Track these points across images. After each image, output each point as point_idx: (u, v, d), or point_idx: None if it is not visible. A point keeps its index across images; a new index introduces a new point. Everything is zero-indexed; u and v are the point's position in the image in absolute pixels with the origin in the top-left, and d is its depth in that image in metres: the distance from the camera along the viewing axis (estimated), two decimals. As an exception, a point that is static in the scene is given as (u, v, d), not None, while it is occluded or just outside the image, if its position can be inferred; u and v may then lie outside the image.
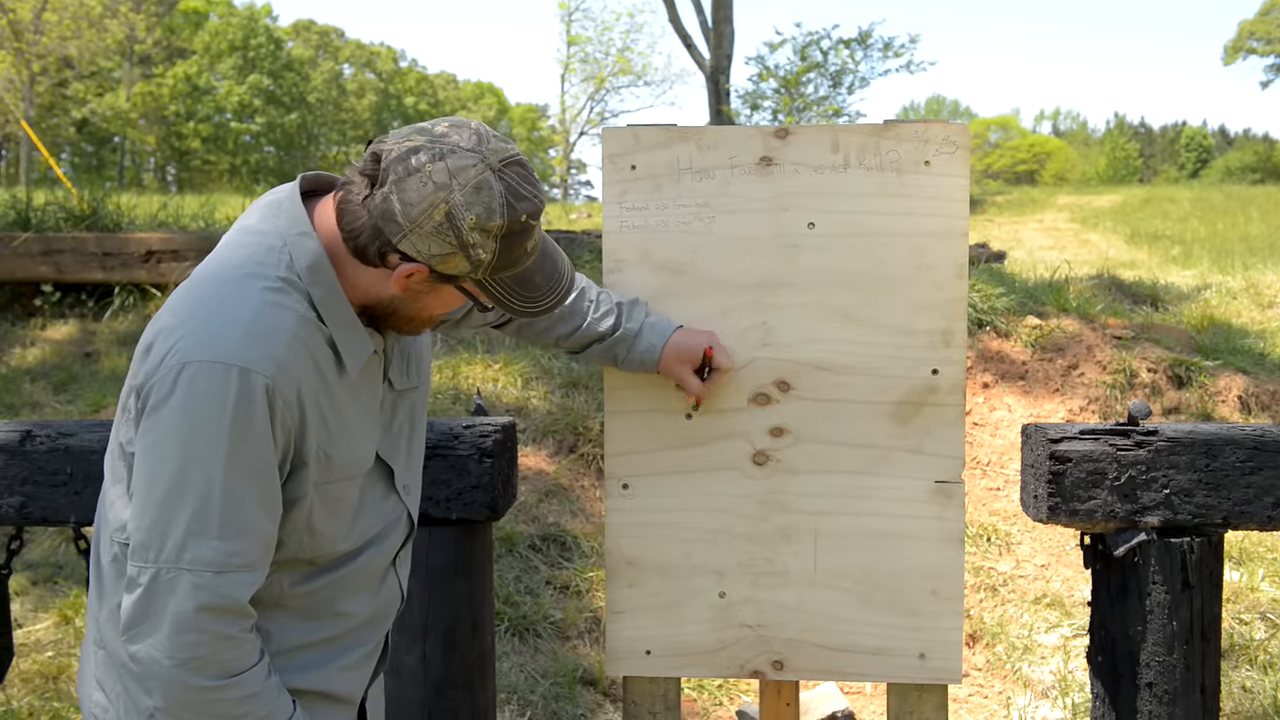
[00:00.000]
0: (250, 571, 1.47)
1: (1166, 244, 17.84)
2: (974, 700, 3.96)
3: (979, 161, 66.44)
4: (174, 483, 1.43)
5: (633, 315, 1.99)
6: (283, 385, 1.46)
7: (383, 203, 1.47)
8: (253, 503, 1.46)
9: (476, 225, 1.46)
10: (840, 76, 25.58)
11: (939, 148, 2.00)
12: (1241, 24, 56.21)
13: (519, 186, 1.49)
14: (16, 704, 3.57)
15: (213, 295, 1.50)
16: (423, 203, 1.45)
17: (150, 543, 1.44)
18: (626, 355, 1.99)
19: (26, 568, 4.44)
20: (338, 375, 1.57)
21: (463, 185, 1.45)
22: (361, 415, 1.63)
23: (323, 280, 1.54)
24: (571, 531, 4.75)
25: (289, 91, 55.28)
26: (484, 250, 1.48)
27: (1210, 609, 2.04)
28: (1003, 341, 6.10)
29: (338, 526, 1.62)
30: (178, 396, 1.43)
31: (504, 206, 1.47)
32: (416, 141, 1.47)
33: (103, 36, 38.45)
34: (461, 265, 1.49)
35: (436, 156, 1.46)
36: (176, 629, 1.43)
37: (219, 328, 1.45)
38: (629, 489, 2.09)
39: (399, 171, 1.46)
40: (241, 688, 1.48)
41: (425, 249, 1.47)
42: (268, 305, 1.48)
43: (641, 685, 2.15)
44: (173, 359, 1.44)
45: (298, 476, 1.54)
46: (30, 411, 6.04)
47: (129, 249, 7.25)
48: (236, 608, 1.46)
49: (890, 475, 2.04)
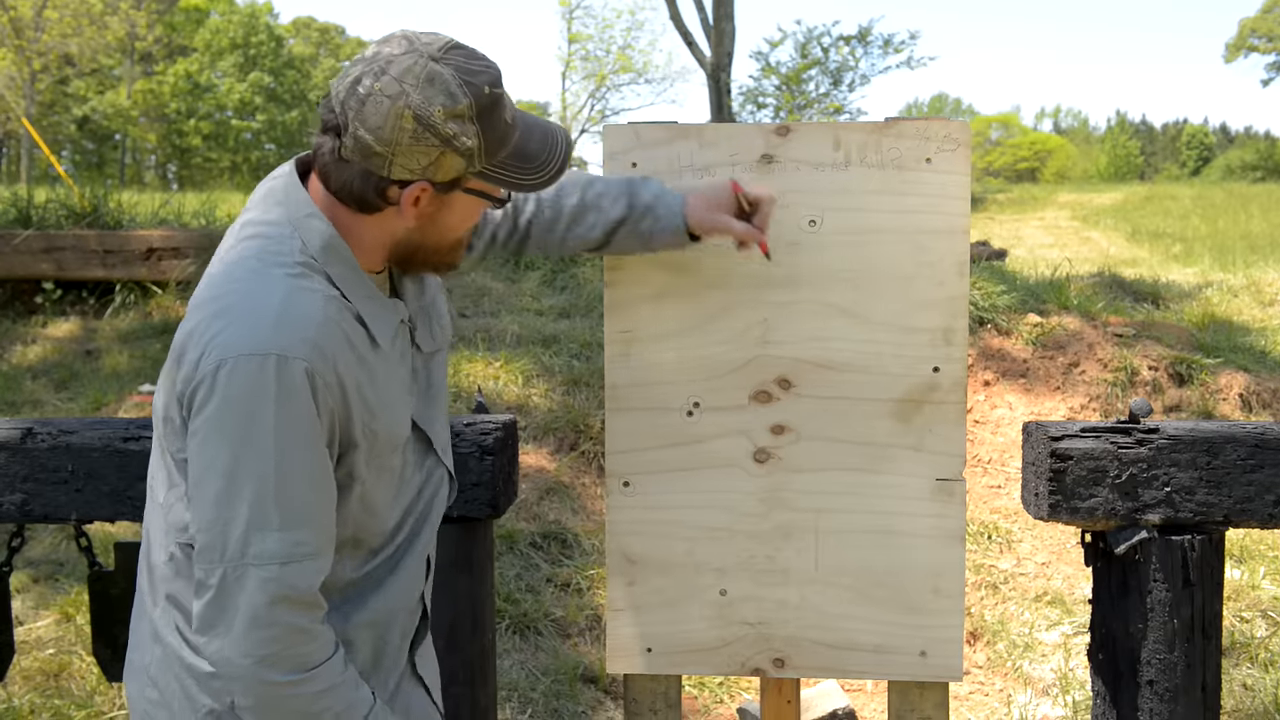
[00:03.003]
0: (316, 559, 1.46)
1: (1168, 242, 17.83)
2: (975, 698, 3.97)
3: (980, 159, 66.38)
4: (228, 480, 1.42)
5: (645, 187, 1.92)
6: (321, 367, 1.45)
7: (355, 143, 1.45)
8: (309, 489, 1.45)
9: (448, 115, 1.44)
10: (841, 74, 25.59)
11: (940, 145, 2.00)
12: (1243, 22, 56.17)
13: (468, 64, 1.47)
14: (18, 701, 3.57)
15: (236, 290, 1.48)
16: (388, 121, 1.43)
17: (214, 543, 1.43)
18: (654, 227, 1.91)
19: (27, 565, 4.44)
20: (371, 349, 1.56)
21: (415, 84, 1.43)
22: (397, 386, 1.62)
23: (338, 258, 1.53)
24: (572, 529, 4.75)
25: (290, 89, 55.27)
26: (467, 137, 1.46)
27: (1211, 607, 2.03)
28: (1004, 339, 6.10)
29: (387, 499, 1.63)
30: (219, 395, 1.42)
31: (462, 86, 1.45)
32: (356, 72, 1.46)
33: (104, 34, 38.41)
34: (456, 162, 1.48)
35: (378, 73, 1.44)
36: (249, 626, 1.42)
37: (249, 320, 1.44)
38: (630, 486, 2.09)
39: (354, 106, 1.45)
40: (318, 681, 1.47)
41: (415, 163, 1.46)
42: (293, 290, 1.47)
43: (642, 683, 2.15)
44: (208, 360, 1.43)
45: (350, 457, 1.53)
46: (31, 409, 6.04)
47: (130, 246, 7.25)
48: (307, 598, 1.45)
49: (891, 473, 2.04)
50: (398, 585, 1.67)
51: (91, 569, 2.29)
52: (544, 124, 1.60)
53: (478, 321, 6.59)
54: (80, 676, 3.73)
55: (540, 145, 1.57)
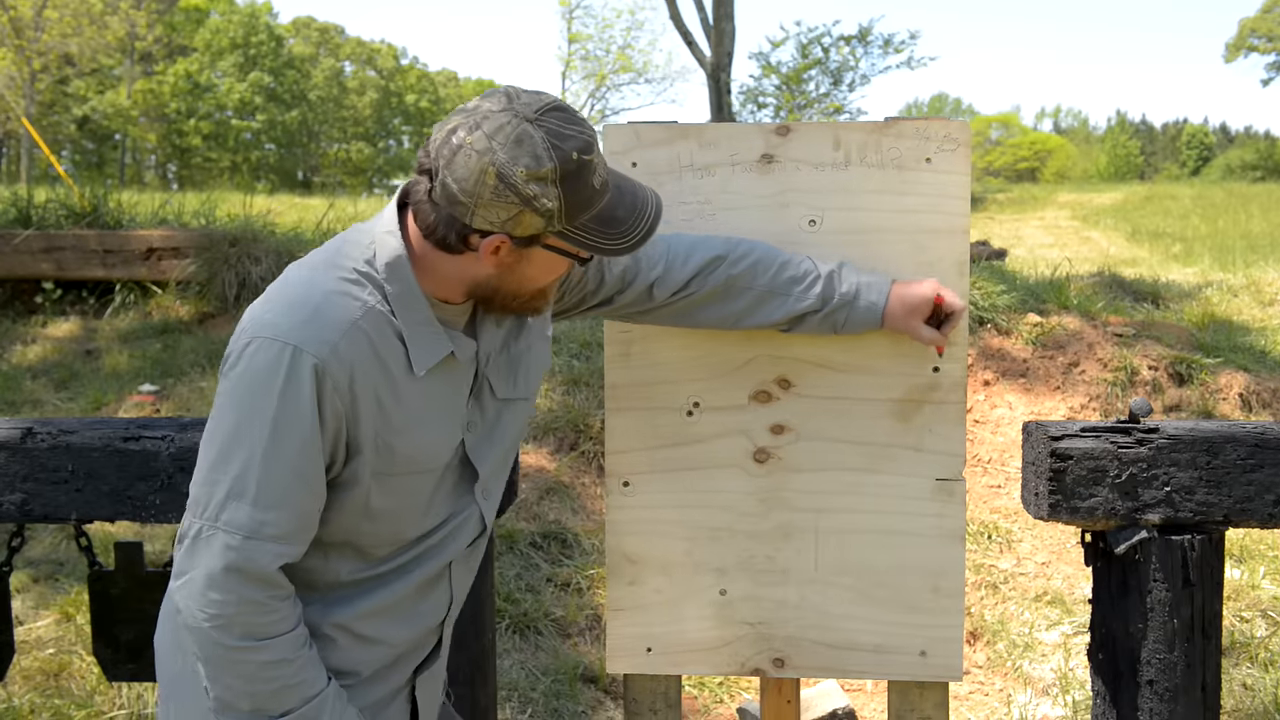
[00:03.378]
0: (281, 543, 1.53)
1: (1167, 241, 17.83)
2: (974, 698, 3.97)
3: (980, 159, 66.39)
4: (225, 446, 1.52)
5: (844, 279, 1.93)
6: (333, 368, 1.52)
7: (442, 189, 1.51)
8: (291, 478, 1.52)
9: (530, 176, 1.48)
10: (841, 73, 25.58)
11: (940, 145, 2.00)
12: (1243, 21, 56.15)
13: (561, 128, 1.51)
14: (18, 701, 3.57)
15: (294, 279, 1.58)
16: (473, 174, 1.48)
17: (200, 498, 1.54)
18: (846, 320, 1.94)
19: (27, 565, 4.44)
20: (405, 370, 1.60)
21: (503, 143, 1.48)
22: (435, 413, 1.65)
23: (399, 277, 1.58)
24: (572, 529, 4.75)
25: (290, 89, 55.28)
26: (548, 199, 1.49)
27: (1211, 606, 2.03)
28: (1004, 339, 6.10)
29: (402, 517, 1.67)
30: (240, 367, 1.53)
31: (549, 150, 1.48)
32: (453, 122, 1.52)
33: (104, 34, 38.41)
34: (534, 222, 1.51)
35: (473, 127, 1.49)
36: (207, 584, 1.51)
37: (287, 309, 1.54)
38: (630, 486, 2.09)
39: (445, 154, 1.50)
40: (269, 652, 1.53)
41: (495, 217, 1.50)
42: (335, 293, 1.55)
43: (642, 682, 2.15)
44: (245, 334, 1.54)
45: (354, 462, 1.59)
46: (31, 409, 6.04)
47: (130, 246, 7.25)
48: (262, 575, 1.51)
49: (891, 473, 2.04)
50: (392, 603, 1.70)
51: (91, 569, 2.29)
52: (636, 190, 1.63)
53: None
54: (80, 676, 3.73)
55: (628, 211, 1.59)
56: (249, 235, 7.36)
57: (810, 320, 1.94)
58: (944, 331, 1.94)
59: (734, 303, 1.93)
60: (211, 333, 6.89)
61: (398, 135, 62.37)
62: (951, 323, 1.95)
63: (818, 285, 1.92)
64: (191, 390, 6.08)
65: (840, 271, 1.94)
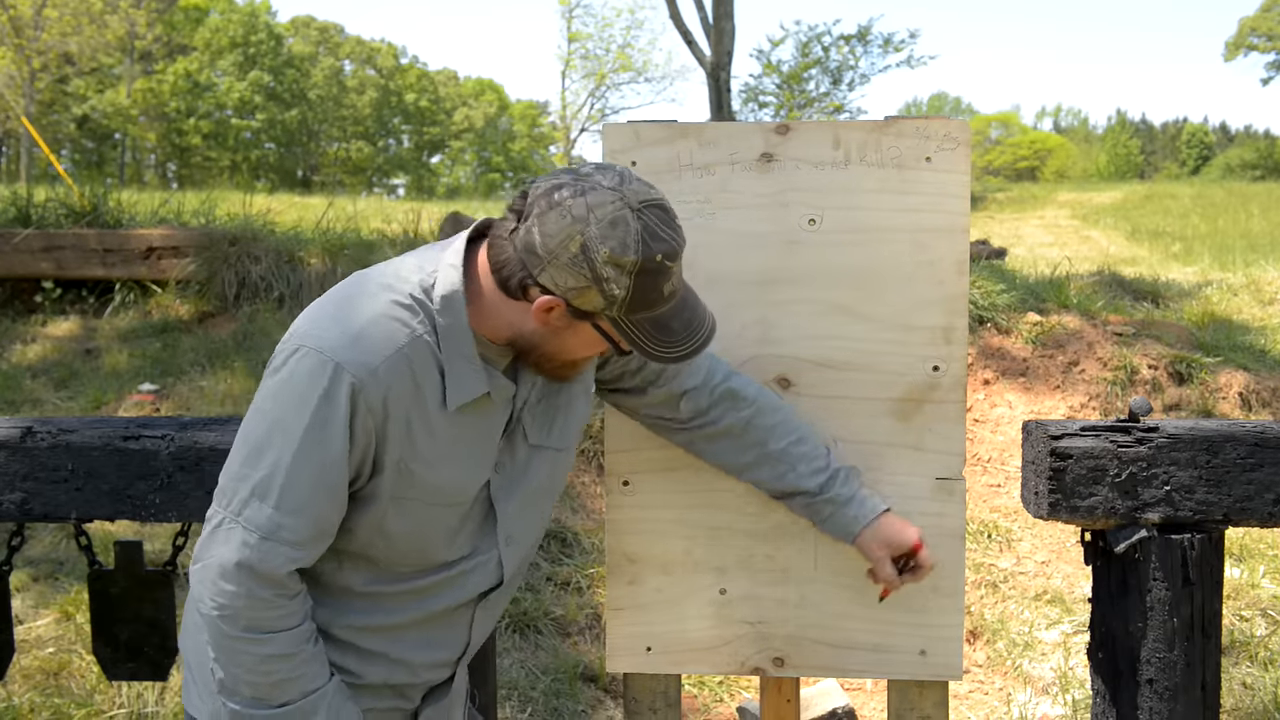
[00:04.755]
0: (296, 549, 1.57)
1: (1167, 240, 17.84)
2: (974, 697, 3.97)
3: (980, 158, 66.39)
4: (257, 446, 1.57)
5: (847, 482, 1.93)
6: (370, 390, 1.55)
7: (525, 235, 1.53)
8: (314, 488, 1.56)
9: (610, 259, 1.49)
10: (841, 73, 25.58)
11: (940, 144, 2.00)
12: (1242, 20, 56.16)
13: (657, 228, 1.52)
14: (18, 700, 3.57)
15: (348, 294, 1.62)
16: (560, 234, 1.50)
17: (226, 490, 1.58)
18: (828, 517, 1.94)
19: (27, 564, 4.44)
20: (441, 403, 1.62)
21: (599, 219, 1.49)
22: (464, 449, 1.67)
23: (452, 310, 1.60)
24: (572, 528, 4.75)
25: (289, 88, 55.27)
26: (618, 286, 1.51)
27: (1211, 605, 2.03)
28: (1004, 338, 6.10)
29: (419, 542, 1.68)
30: (284, 372, 1.57)
31: (639, 244, 1.50)
32: (561, 180, 1.53)
33: (103, 33, 38.42)
34: (596, 300, 1.53)
35: (578, 193, 1.51)
36: (218, 574, 1.55)
37: (336, 325, 1.58)
38: (629, 486, 2.09)
39: (542, 206, 1.52)
40: (270, 645, 1.57)
41: (562, 281, 1.52)
42: (385, 317, 1.58)
43: (642, 682, 2.15)
44: (293, 340, 1.59)
45: (377, 480, 1.62)
46: (31, 408, 6.04)
47: (130, 245, 7.25)
48: (271, 575, 1.55)
49: (891, 472, 2.04)
50: (403, 625, 1.72)
51: (91, 568, 2.29)
52: (698, 308, 1.64)
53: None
54: (80, 675, 3.73)
55: (683, 325, 1.61)
56: (249, 234, 7.36)
57: (798, 500, 1.94)
58: (903, 578, 1.93)
59: (744, 453, 1.93)
60: (211, 332, 6.89)
61: (397, 134, 62.34)
62: (915, 575, 1.93)
63: (823, 475, 1.92)
64: (191, 389, 6.08)
65: (847, 473, 1.94)
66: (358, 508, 1.64)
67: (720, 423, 1.91)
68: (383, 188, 59.99)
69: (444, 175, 63.32)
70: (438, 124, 61.97)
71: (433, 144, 63.05)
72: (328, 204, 11.55)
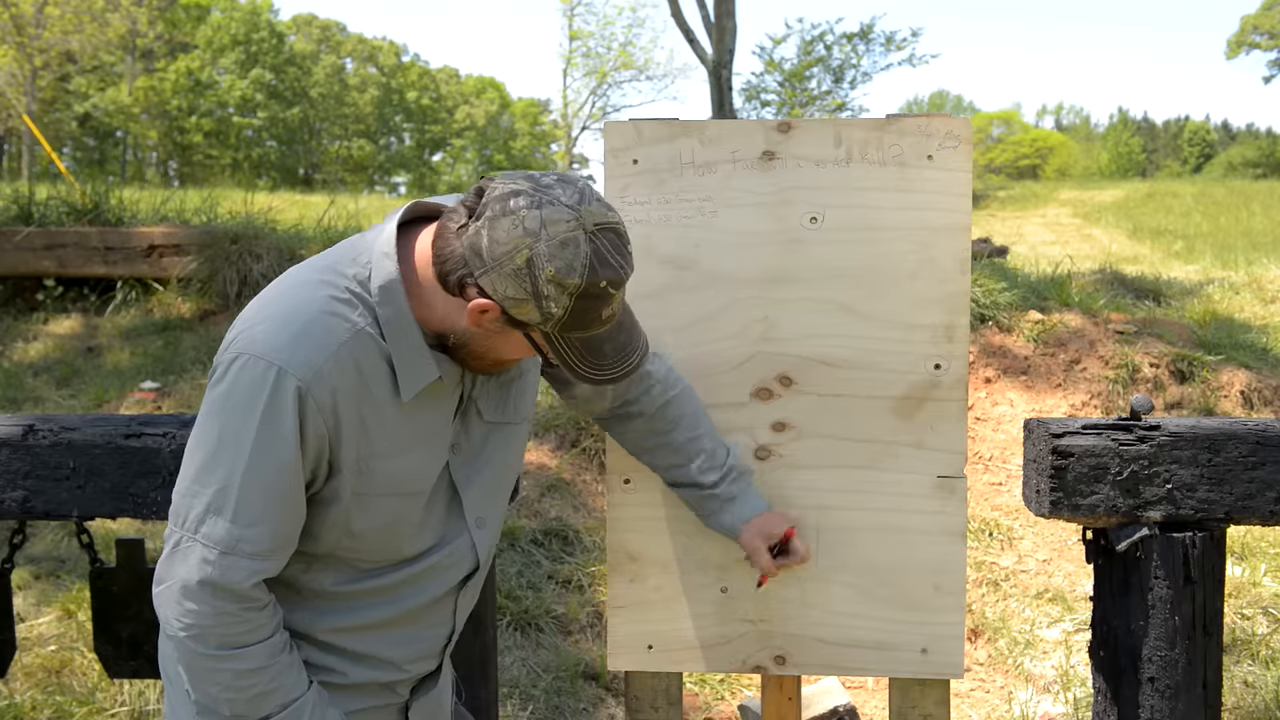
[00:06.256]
0: (258, 560, 1.53)
1: (1169, 239, 17.82)
2: (976, 695, 3.97)
3: (981, 156, 66.35)
4: (206, 460, 1.53)
5: (736, 481, 1.98)
6: (317, 391, 1.52)
7: (474, 236, 1.51)
8: (269, 497, 1.53)
9: (554, 279, 1.48)
10: (843, 71, 25.57)
11: (942, 142, 2.00)
12: (1244, 18, 56.10)
13: (607, 254, 1.51)
14: (19, 698, 3.57)
15: (283, 294, 1.58)
16: (509, 244, 1.48)
17: (180, 509, 1.55)
18: (714, 513, 1.99)
19: (29, 562, 4.44)
20: (391, 393, 1.60)
21: (550, 237, 1.47)
22: (419, 436, 1.65)
23: (391, 301, 1.57)
24: (574, 526, 4.75)
25: (291, 86, 55.24)
26: (556, 305, 1.50)
27: (1212, 604, 2.03)
28: (1005, 336, 6.10)
29: (385, 537, 1.66)
30: (225, 383, 1.53)
31: (585, 268, 1.49)
32: (520, 186, 1.51)
33: (105, 31, 38.39)
34: (532, 314, 1.51)
35: (534, 204, 1.48)
36: (181, 595, 1.53)
37: (275, 327, 1.53)
38: (631, 484, 2.09)
39: (495, 210, 1.50)
40: (244, 660, 1.54)
41: (501, 289, 1.50)
42: (325, 314, 1.54)
43: (643, 680, 2.15)
44: (232, 350, 1.54)
45: (334, 481, 1.59)
46: (33, 406, 6.04)
47: (131, 243, 7.25)
48: (236, 590, 1.52)
49: (892, 470, 2.04)
50: (384, 622, 1.71)
51: (93, 566, 2.29)
52: (633, 334, 1.64)
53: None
54: (82, 673, 3.73)
55: (615, 350, 1.60)
56: (250, 232, 7.36)
57: (688, 491, 1.99)
58: (777, 565, 1.98)
59: (650, 438, 1.98)
60: (213, 330, 6.90)
61: (399, 132, 62.31)
62: (788, 558, 1.99)
63: (717, 474, 1.97)
64: (193, 387, 6.08)
65: (739, 473, 1.99)
66: (320, 511, 1.61)
67: (637, 404, 1.94)
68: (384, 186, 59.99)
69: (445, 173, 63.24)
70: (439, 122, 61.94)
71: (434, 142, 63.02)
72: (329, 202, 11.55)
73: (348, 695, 1.70)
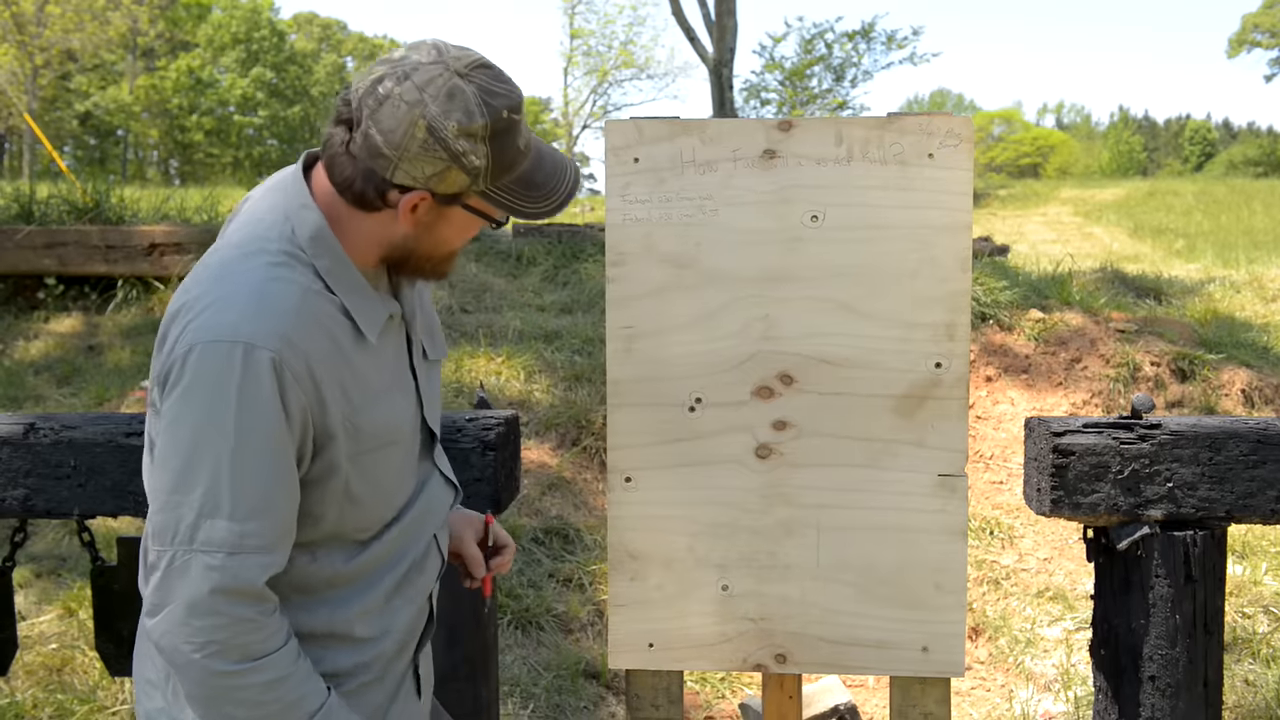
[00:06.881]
0: (264, 554, 1.44)
1: (1170, 237, 17.81)
2: (976, 693, 3.97)
3: (982, 155, 66.34)
4: (185, 464, 1.41)
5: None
6: (290, 359, 1.43)
7: (364, 141, 1.46)
8: (266, 482, 1.43)
9: (461, 131, 1.44)
10: (844, 69, 25.59)
11: (942, 141, 2.00)
12: (1245, 17, 56.09)
13: (491, 85, 1.48)
14: (21, 696, 3.58)
15: (217, 275, 1.48)
16: (401, 126, 1.44)
17: (167, 525, 1.42)
18: None
19: (30, 560, 4.45)
20: (356, 344, 1.54)
21: (435, 96, 1.44)
22: (390, 381, 1.61)
23: (326, 250, 1.52)
24: (574, 524, 4.75)
25: (292, 84, 55.27)
26: (476, 156, 1.47)
27: (1213, 602, 2.03)
28: (1006, 335, 6.10)
29: (381, 493, 1.60)
30: (186, 378, 1.42)
31: (481, 106, 1.45)
32: (379, 72, 1.47)
33: (105, 29, 38.40)
34: (460, 179, 1.48)
35: (402, 78, 1.45)
36: (191, 613, 1.40)
37: (222, 307, 1.43)
38: (632, 482, 2.09)
39: (370, 105, 1.45)
40: (266, 672, 1.44)
41: (420, 173, 1.46)
42: (269, 280, 1.46)
43: (644, 678, 2.15)
44: (182, 344, 1.43)
45: (328, 450, 1.51)
46: (34, 404, 6.04)
47: (132, 242, 7.25)
48: (251, 590, 1.43)
49: (893, 469, 2.03)
50: (396, 578, 1.65)
51: (94, 564, 2.29)
52: (556, 156, 1.60)
53: (480, 317, 6.59)
54: (83, 671, 3.73)
55: (547, 176, 1.57)
56: (251, 231, 7.34)
57: None
58: (493, 564, 1.88)
59: None
60: (214, 328, 6.89)
61: (400, 131, 62.24)
62: (500, 558, 1.89)
63: None
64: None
65: None
66: (320, 488, 1.52)
67: None
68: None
69: (446, 172, 63.04)
70: (440, 121, 61.91)
71: (435, 140, 62.96)
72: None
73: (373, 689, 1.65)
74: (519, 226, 8.23)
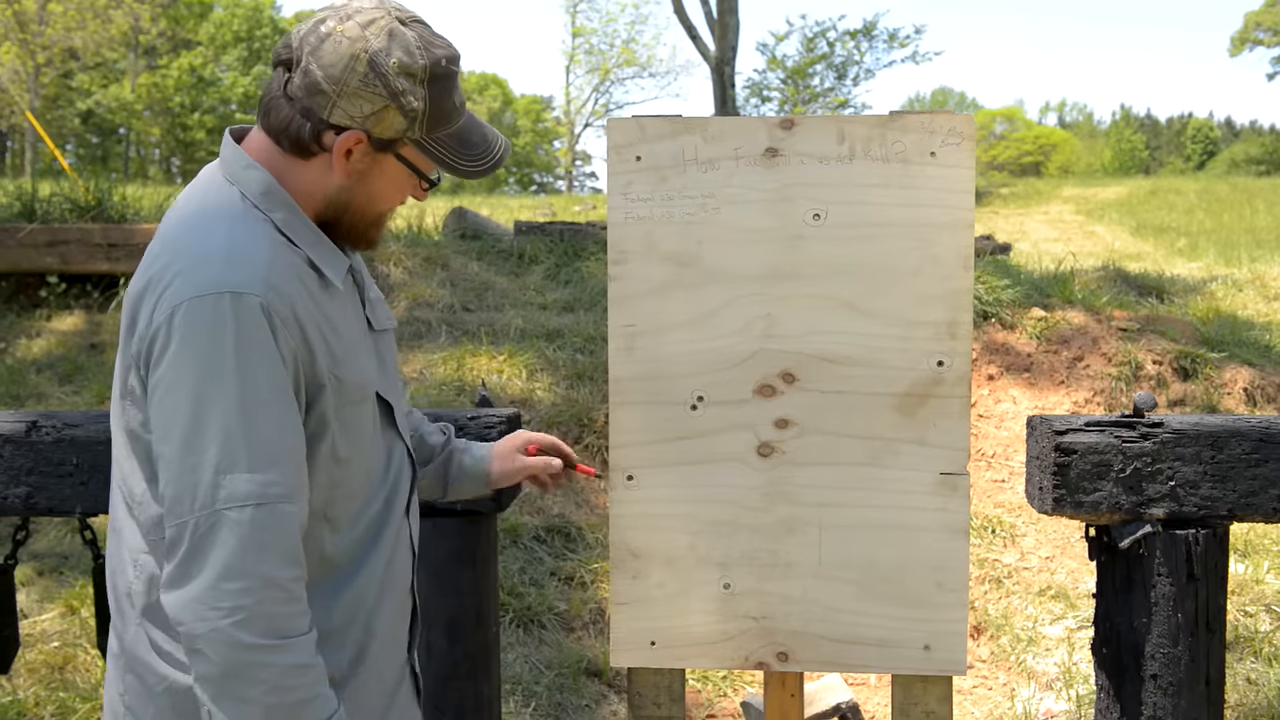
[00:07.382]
0: (290, 502, 1.38)
1: (1172, 236, 17.80)
2: (978, 692, 3.97)
3: (984, 153, 66.32)
4: (192, 426, 1.36)
5: (456, 439, 1.99)
6: (276, 303, 1.41)
7: (303, 79, 1.46)
8: (276, 427, 1.38)
9: (401, 69, 1.45)
10: (846, 68, 25.59)
11: (944, 139, 2.00)
12: (1248, 15, 56.04)
13: (431, 37, 1.50)
14: (23, 694, 3.58)
15: (181, 241, 1.45)
16: (342, 60, 1.44)
17: (183, 493, 1.36)
18: (460, 462, 1.95)
19: (32, 558, 4.45)
20: (326, 294, 1.53)
21: (377, 33, 1.45)
22: (358, 337, 1.60)
23: (279, 203, 1.51)
24: (576, 523, 4.75)
25: (293, 83, 55.21)
26: (415, 98, 1.47)
27: (1215, 601, 2.03)
28: (1008, 333, 6.09)
29: (362, 455, 1.57)
30: (175, 341, 1.37)
31: (422, 49, 1.47)
32: (321, 14, 1.49)
33: (108, 28, 38.40)
34: (397, 120, 1.48)
35: (345, 18, 1.47)
36: (221, 575, 1.33)
37: (196, 264, 1.40)
38: (633, 480, 2.09)
39: (312, 43, 1.46)
40: (291, 654, 1.37)
41: (357, 111, 1.46)
42: (238, 232, 1.45)
43: (646, 676, 2.15)
44: (161, 311, 1.39)
45: (319, 402, 1.48)
46: (36, 402, 6.05)
47: (135, 240, 7.25)
48: (283, 545, 1.37)
49: (895, 467, 2.03)
50: (380, 562, 1.60)
51: (96, 562, 2.29)
52: (487, 126, 1.62)
53: (481, 316, 6.60)
54: (85, 669, 3.74)
55: (480, 138, 1.58)
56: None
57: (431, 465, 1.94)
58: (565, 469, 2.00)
59: None
60: (215, 327, 6.90)
61: (401, 129, 62.27)
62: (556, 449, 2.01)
63: (443, 436, 1.96)
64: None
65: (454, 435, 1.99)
66: (312, 446, 1.47)
67: None
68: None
69: (448, 170, 63.06)
70: (442, 119, 61.93)
71: (437, 139, 62.98)
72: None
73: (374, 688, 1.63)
74: (520, 225, 8.23)
